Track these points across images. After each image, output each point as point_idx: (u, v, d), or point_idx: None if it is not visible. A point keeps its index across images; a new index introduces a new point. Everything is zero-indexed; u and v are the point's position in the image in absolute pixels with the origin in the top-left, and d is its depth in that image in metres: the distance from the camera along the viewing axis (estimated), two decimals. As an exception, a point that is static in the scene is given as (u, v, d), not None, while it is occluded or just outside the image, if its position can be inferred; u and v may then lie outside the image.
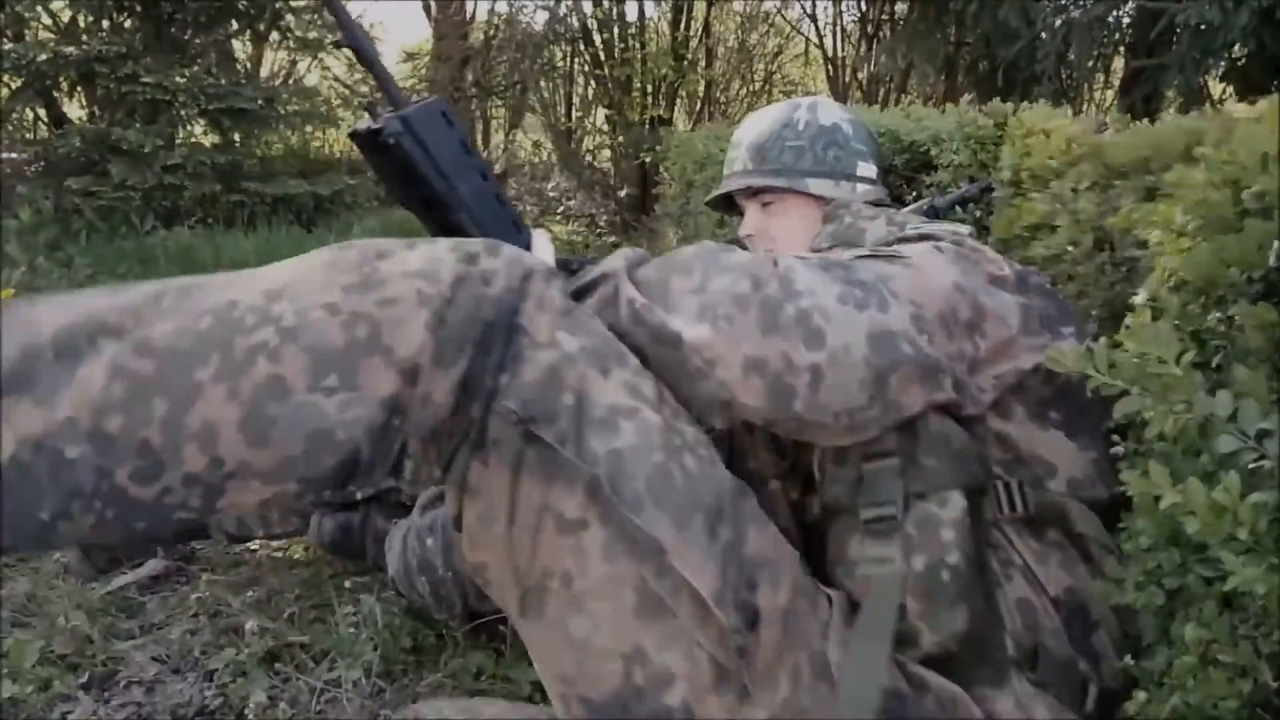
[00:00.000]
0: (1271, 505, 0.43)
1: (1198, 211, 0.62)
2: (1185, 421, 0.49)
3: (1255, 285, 0.56)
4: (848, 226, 1.10)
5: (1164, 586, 0.51)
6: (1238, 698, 0.47)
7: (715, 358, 0.66)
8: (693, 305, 0.68)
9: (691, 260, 0.72)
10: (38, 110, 5.43)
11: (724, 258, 0.71)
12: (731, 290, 0.68)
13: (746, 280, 0.68)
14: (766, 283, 0.68)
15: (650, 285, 0.71)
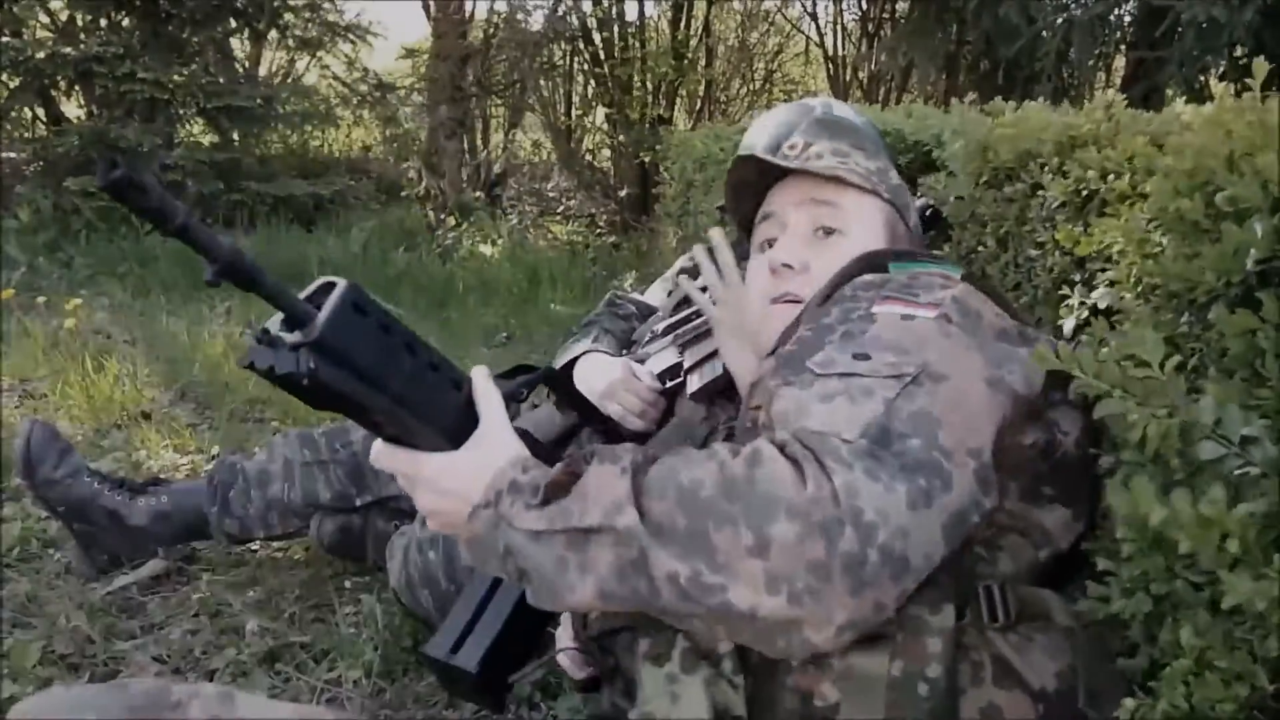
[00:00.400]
0: (1260, 515, 0.43)
1: (1166, 220, 0.62)
2: (1168, 426, 0.49)
3: (1233, 290, 0.56)
4: (899, 187, 1.01)
5: (1151, 593, 0.51)
6: (1234, 702, 0.47)
7: (800, 625, 0.59)
8: (755, 571, 0.58)
9: (720, 499, 0.60)
10: (36, 109, 5.42)
11: (762, 489, 0.59)
12: (804, 554, 0.57)
13: (815, 535, 0.57)
14: (838, 532, 0.57)
15: (681, 538, 0.60)
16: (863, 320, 0.73)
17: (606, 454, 0.67)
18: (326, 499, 1.49)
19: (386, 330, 0.68)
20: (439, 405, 0.73)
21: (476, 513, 0.70)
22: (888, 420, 0.63)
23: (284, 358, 0.63)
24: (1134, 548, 0.54)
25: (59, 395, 2.32)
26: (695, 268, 1.69)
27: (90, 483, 1.51)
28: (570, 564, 0.64)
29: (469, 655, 0.83)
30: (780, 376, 0.73)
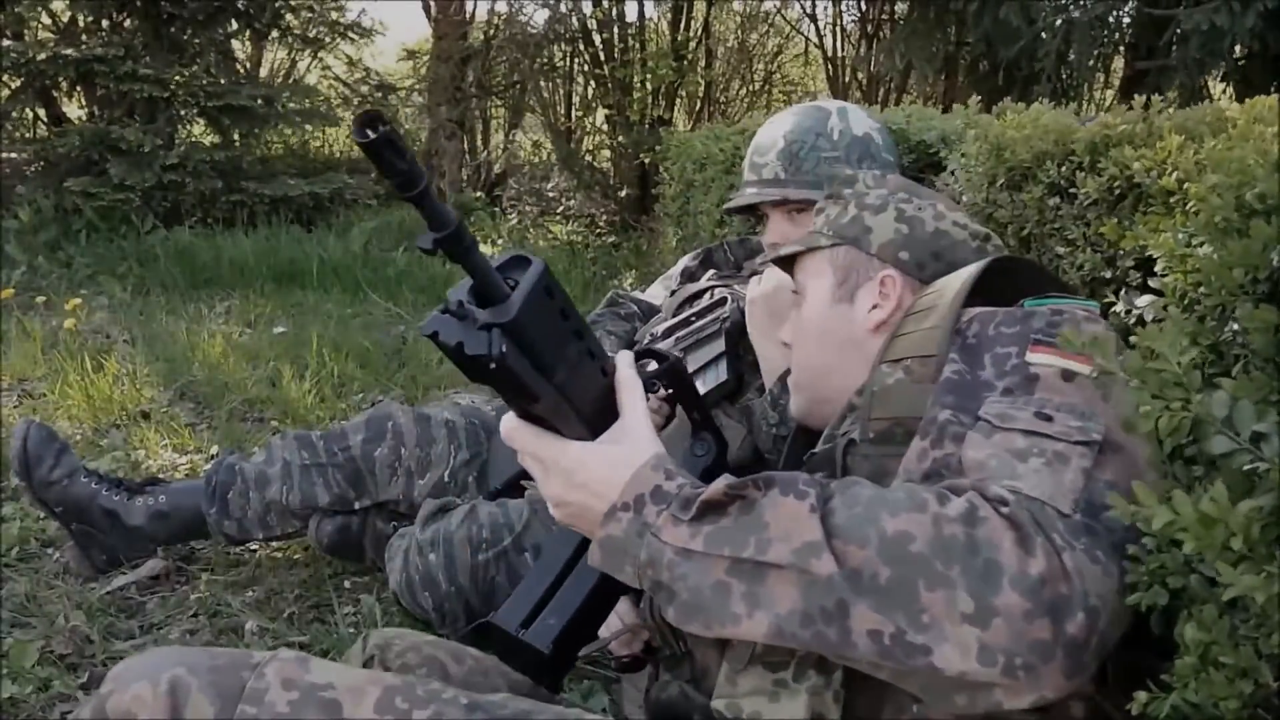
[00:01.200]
0: (1266, 510, 0.43)
1: (1203, 227, 0.62)
2: (1180, 420, 0.49)
3: (1260, 286, 0.56)
4: (849, 222, 0.98)
5: (1168, 587, 0.51)
6: (1239, 698, 0.47)
7: (996, 690, 0.56)
8: (969, 640, 0.54)
9: (934, 558, 0.56)
10: (37, 110, 5.42)
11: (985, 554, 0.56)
12: (1029, 632, 0.54)
13: (1043, 613, 0.54)
14: (1066, 614, 0.54)
15: (882, 591, 0.57)
16: (1021, 375, 0.69)
17: (786, 483, 0.64)
18: (325, 502, 1.49)
19: (565, 316, 0.66)
20: (590, 393, 0.71)
21: (615, 514, 0.68)
22: (1091, 493, 0.60)
23: (474, 336, 0.60)
24: (1151, 541, 0.54)
25: (58, 395, 2.32)
26: (697, 269, 1.69)
27: (88, 483, 1.51)
28: (734, 592, 0.61)
29: (542, 634, 0.81)
30: (952, 412, 0.69)
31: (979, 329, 0.74)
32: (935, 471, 0.68)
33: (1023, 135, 1.13)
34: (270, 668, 0.68)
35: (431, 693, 0.70)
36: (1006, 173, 1.18)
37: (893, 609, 0.56)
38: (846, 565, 0.58)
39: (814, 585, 0.59)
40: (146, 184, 4.50)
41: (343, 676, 0.69)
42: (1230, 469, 0.47)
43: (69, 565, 1.54)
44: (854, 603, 0.57)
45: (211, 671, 0.67)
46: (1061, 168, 1.05)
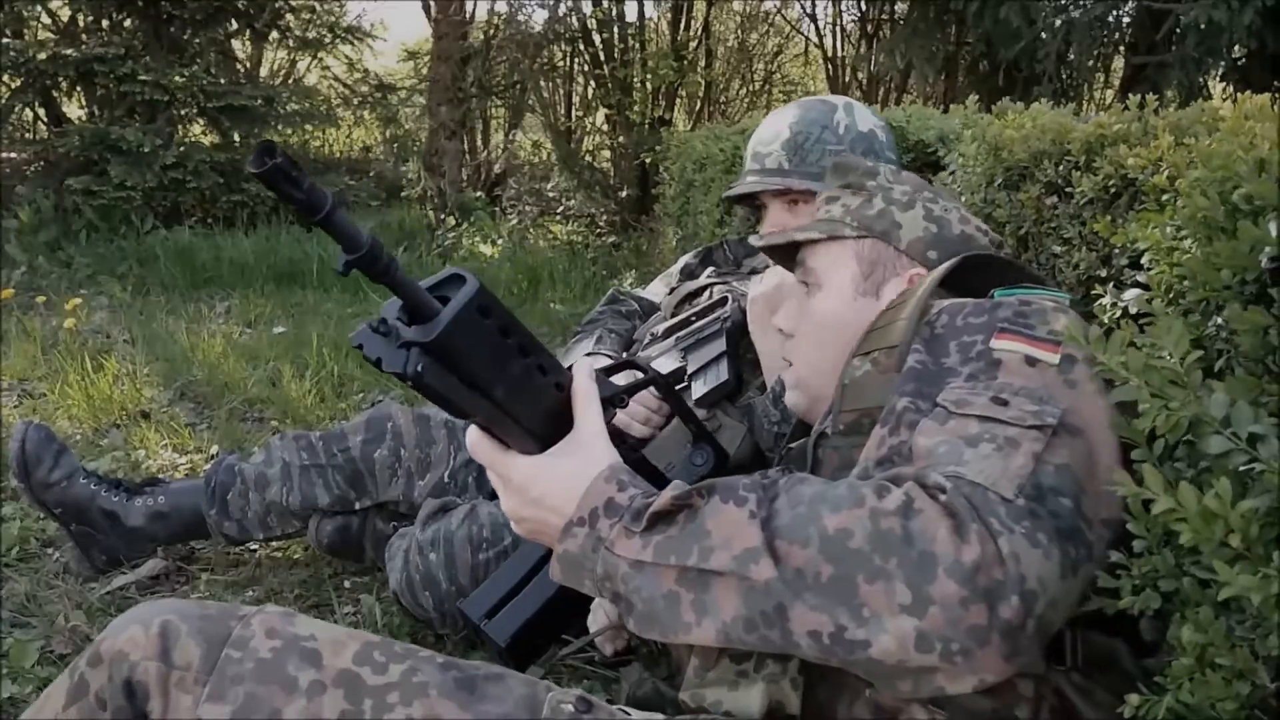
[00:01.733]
0: (1263, 511, 0.43)
1: (1191, 225, 0.62)
2: (1179, 418, 0.49)
3: (1248, 287, 0.56)
4: (877, 214, 0.96)
5: (1160, 590, 0.51)
6: (1235, 700, 0.47)
7: (937, 675, 0.58)
8: (906, 629, 0.56)
9: (872, 552, 0.58)
10: (37, 110, 5.42)
11: (920, 545, 0.57)
12: (965, 619, 0.55)
13: (979, 599, 0.55)
14: (1001, 599, 0.55)
15: (824, 588, 0.58)
16: (985, 360, 0.70)
17: (726, 490, 0.65)
18: (325, 503, 1.49)
19: (505, 333, 0.66)
20: (539, 408, 0.72)
21: (571, 530, 0.69)
22: (1038, 478, 0.61)
23: (393, 354, 0.61)
24: (1144, 544, 0.54)
25: (58, 395, 2.32)
26: (697, 267, 1.69)
27: (86, 484, 1.50)
28: (683, 601, 0.62)
29: (501, 627, 0.84)
30: (910, 400, 0.71)
31: (947, 320, 0.75)
32: (888, 458, 0.69)
33: (1020, 135, 1.13)
34: (257, 619, 0.71)
35: (408, 649, 0.72)
36: (1004, 172, 1.18)
37: (835, 605, 0.58)
38: (790, 565, 0.59)
39: (753, 590, 0.60)
40: (146, 184, 4.50)
41: (325, 631, 0.72)
42: (1226, 469, 0.48)
43: (69, 565, 1.54)
44: (792, 604, 0.59)
45: (201, 619, 0.70)
46: (1059, 167, 1.05)
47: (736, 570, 0.60)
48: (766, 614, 0.60)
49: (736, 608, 0.61)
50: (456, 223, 5.26)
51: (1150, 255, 0.69)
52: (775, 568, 0.59)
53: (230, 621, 0.70)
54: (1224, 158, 0.61)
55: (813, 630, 0.58)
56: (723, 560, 0.61)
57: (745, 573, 0.60)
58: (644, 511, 0.65)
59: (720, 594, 0.61)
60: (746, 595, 0.60)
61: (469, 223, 5.28)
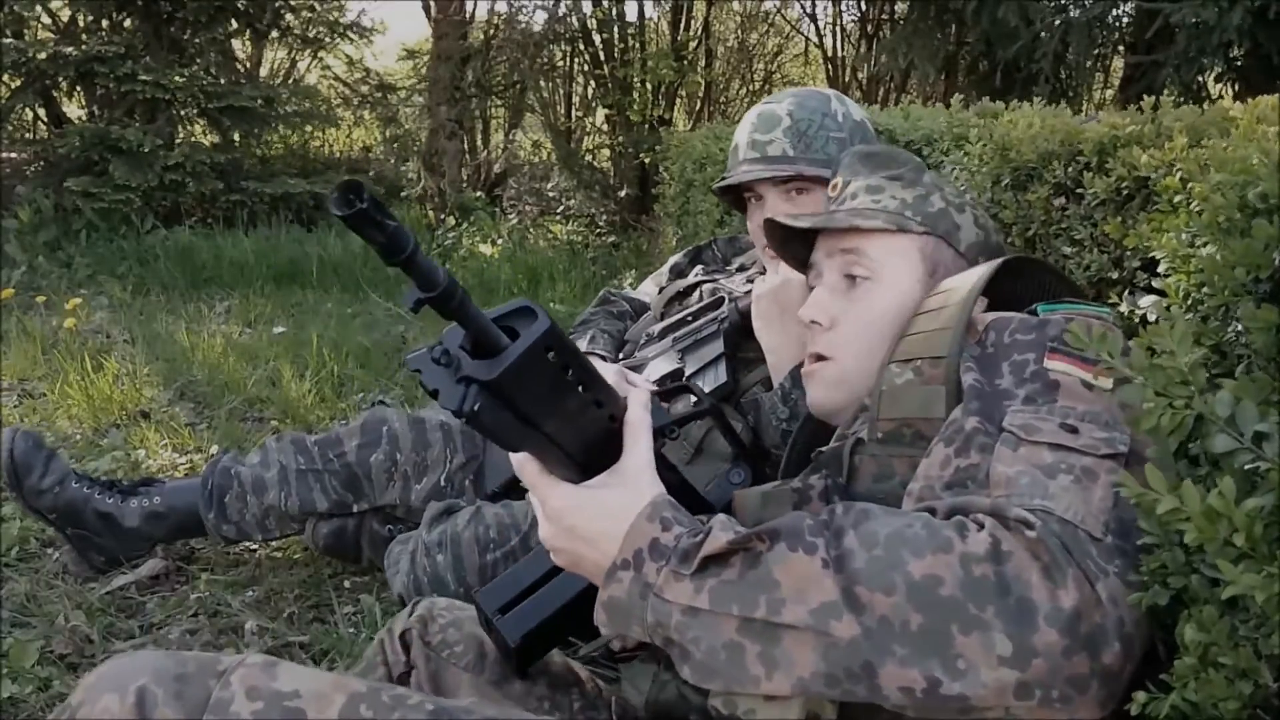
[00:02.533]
0: (1267, 510, 0.43)
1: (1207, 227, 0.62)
2: (1184, 417, 0.49)
3: (1262, 286, 0.56)
4: (938, 213, 0.93)
5: (1169, 586, 0.51)
6: (1238, 699, 0.47)
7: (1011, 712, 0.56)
8: (1007, 681, 0.54)
9: (966, 601, 0.55)
10: (37, 110, 5.42)
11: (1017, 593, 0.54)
12: (1068, 669, 0.53)
13: (1081, 649, 0.53)
14: (1103, 646, 0.54)
15: (913, 639, 0.56)
16: (1041, 381, 0.67)
17: (792, 535, 0.61)
18: (323, 508, 1.48)
19: (566, 369, 0.64)
20: (588, 437, 0.70)
21: (615, 574, 0.65)
22: (1120, 511, 0.58)
23: (451, 388, 0.59)
24: (1153, 540, 0.54)
25: (58, 395, 2.32)
26: (686, 266, 1.69)
27: (79, 487, 1.50)
28: (748, 653, 0.59)
29: (514, 627, 0.82)
30: (979, 421, 0.67)
31: (995, 337, 0.73)
32: (959, 482, 0.66)
33: (1029, 135, 1.13)
34: (236, 675, 0.68)
35: (396, 699, 0.70)
36: (1011, 173, 1.18)
37: (927, 658, 0.55)
38: (875, 614, 0.56)
39: (835, 648, 0.57)
40: (147, 184, 4.50)
41: (309, 683, 0.69)
42: (1232, 468, 0.48)
43: (68, 566, 1.54)
44: (881, 662, 0.56)
45: (178, 681, 0.68)
46: (1069, 168, 1.05)
47: (814, 626, 0.57)
48: (852, 672, 0.57)
49: (815, 664, 0.58)
50: (456, 223, 5.26)
51: (1167, 263, 0.69)
52: (858, 622, 0.56)
53: (209, 680, 0.68)
54: (1242, 161, 0.61)
55: (904, 686, 0.56)
56: (798, 615, 0.58)
57: (825, 629, 0.57)
58: (693, 553, 0.62)
59: (793, 648, 0.58)
60: (826, 652, 0.57)
61: (469, 223, 5.27)
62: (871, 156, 1.00)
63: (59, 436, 2.12)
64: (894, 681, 0.56)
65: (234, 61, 5.75)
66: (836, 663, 0.57)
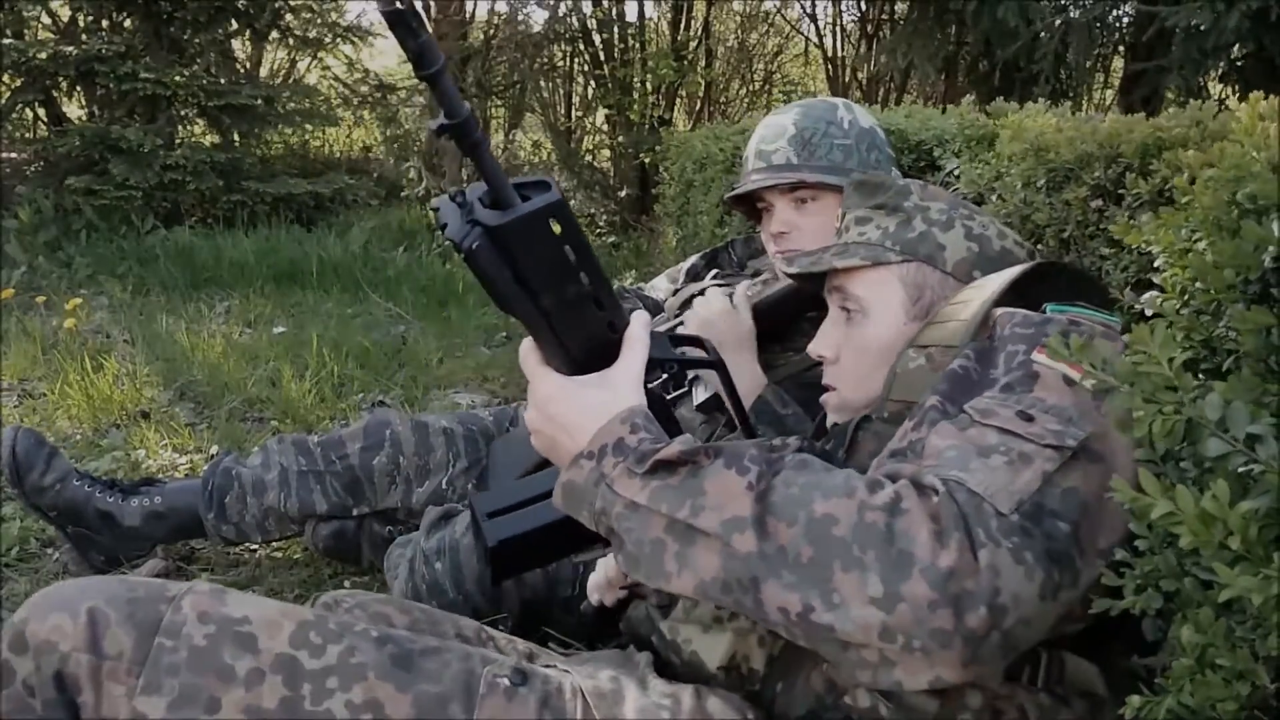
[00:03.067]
0: (1262, 512, 0.43)
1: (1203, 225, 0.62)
2: (1174, 423, 0.49)
3: (1251, 287, 0.56)
4: (918, 238, 0.94)
5: (1162, 590, 0.51)
6: (1236, 701, 0.47)
7: (894, 666, 0.59)
8: (873, 620, 0.58)
9: (853, 543, 0.59)
10: (37, 109, 5.42)
11: (900, 544, 0.58)
12: (931, 621, 0.56)
13: (946, 604, 0.56)
14: (969, 608, 0.57)
15: (802, 568, 0.60)
16: (1023, 372, 0.70)
17: (732, 456, 0.66)
18: (323, 510, 1.48)
19: (574, 250, 0.69)
20: (584, 334, 0.74)
21: (579, 461, 0.71)
22: (1042, 497, 0.62)
23: (459, 225, 0.65)
24: (1145, 543, 0.54)
25: (58, 395, 2.32)
26: (702, 269, 1.69)
27: (80, 486, 1.50)
28: (668, 550, 0.64)
29: (496, 529, 0.86)
30: (940, 399, 0.72)
31: (999, 330, 0.76)
32: (903, 451, 0.70)
33: (1066, 137, 1.12)
34: (187, 600, 0.70)
35: (343, 625, 0.72)
36: (1047, 174, 1.17)
37: (807, 586, 0.60)
38: (775, 541, 0.61)
39: (733, 558, 0.62)
40: (147, 184, 4.50)
41: (258, 610, 0.71)
42: (1225, 471, 0.48)
43: (68, 565, 1.54)
44: (765, 579, 0.61)
45: (129, 604, 0.69)
46: (1108, 170, 1.05)
47: (721, 534, 0.62)
48: (742, 582, 0.62)
49: (716, 569, 0.63)
50: (456, 223, 5.25)
51: (1164, 257, 0.70)
52: (757, 542, 0.61)
53: (160, 605, 0.69)
54: (1233, 158, 0.61)
55: (782, 606, 0.61)
56: (710, 522, 0.63)
57: (728, 539, 0.62)
58: (649, 456, 0.67)
59: (702, 552, 0.63)
60: (726, 560, 0.62)
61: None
62: (862, 186, 1.02)
63: (59, 436, 2.12)
64: (774, 600, 0.61)
65: (234, 61, 5.75)
66: (731, 572, 0.62)
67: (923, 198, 0.98)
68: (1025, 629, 0.59)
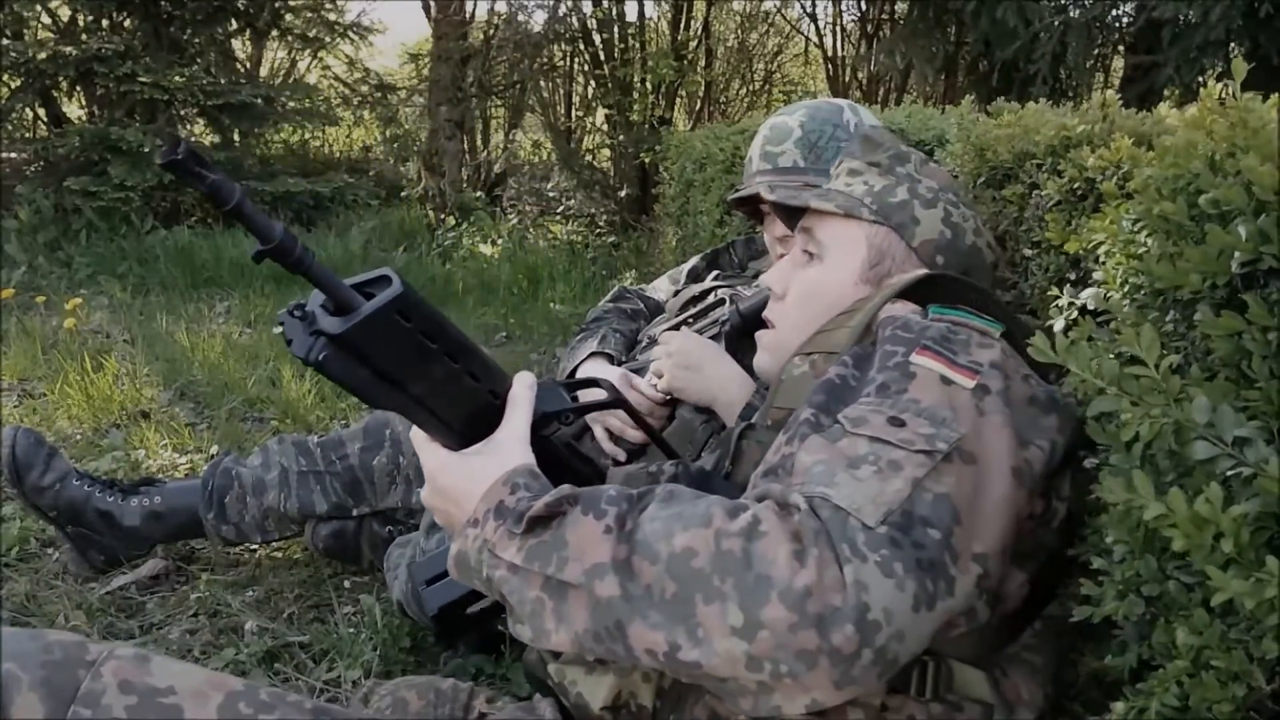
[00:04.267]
0: (1253, 516, 0.43)
1: (1150, 221, 0.62)
2: (1162, 426, 0.49)
3: (1219, 292, 0.56)
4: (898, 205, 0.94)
5: (1143, 594, 0.51)
6: (1231, 702, 0.47)
7: (772, 694, 0.58)
8: (736, 652, 0.56)
9: (711, 573, 0.57)
10: (37, 109, 5.42)
11: (757, 568, 0.56)
12: (794, 643, 0.55)
13: (808, 625, 0.55)
14: (834, 626, 0.55)
15: (665, 605, 0.59)
16: (900, 372, 0.69)
17: (590, 502, 0.65)
18: (323, 510, 1.48)
19: (429, 338, 0.68)
20: (463, 409, 0.74)
21: (465, 530, 0.70)
22: (911, 505, 0.60)
23: (302, 339, 0.64)
24: (1125, 549, 0.54)
25: (58, 395, 2.32)
26: (704, 270, 1.69)
27: (80, 485, 1.50)
28: (546, 608, 0.64)
29: (435, 597, 0.88)
30: (814, 412, 0.70)
31: (881, 333, 0.75)
32: (775, 469, 0.69)
33: (1005, 134, 1.12)
34: (107, 667, 0.65)
35: (275, 696, 0.69)
36: (988, 171, 1.17)
37: (672, 623, 0.58)
38: (641, 581, 0.60)
39: (598, 606, 0.61)
40: (146, 184, 4.50)
41: (184, 678, 0.67)
42: (1212, 474, 0.48)
43: (68, 565, 1.54)
44: (630, 622, 0.60)
45: (45, 667, 0.64)
46: (1040, 168, 1.05)
47: (585, 584, 0.62)
48: (609, 629, 0.61)
49: (585, 621, 0.62)
50: (456, 223, 5.26)
51: (1106, 249, 0.69)
52: (620, 585, 0.60)
53: (78, 670, 0.64)
54: (1177, 154, 0.61)
55: (649, 648, 0.60)
56: (574, 573, 0.63)
57: (591, 588, 0.61)
58: (524, 515, 0.67)
59: (574, 605, 0.63)
60: (593, 609, 0.62)
61: (469, 223, 5.28)
62: (868, 140, 1.02)
63: (59, 436, 2.12)
64: (641, 643, 0.60)
65: (234, 61, 5.75)
66: (599, 620, 0.61)
67: (919, 171, 0.97)
68: (900, 643, 0.57)
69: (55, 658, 0.65)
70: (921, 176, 0.96)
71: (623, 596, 0.60)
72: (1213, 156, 0.59)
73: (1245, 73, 0.60)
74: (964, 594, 0.60)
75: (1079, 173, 0.90)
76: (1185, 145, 0.61)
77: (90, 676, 0.64)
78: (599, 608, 0.61)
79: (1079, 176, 0.91)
